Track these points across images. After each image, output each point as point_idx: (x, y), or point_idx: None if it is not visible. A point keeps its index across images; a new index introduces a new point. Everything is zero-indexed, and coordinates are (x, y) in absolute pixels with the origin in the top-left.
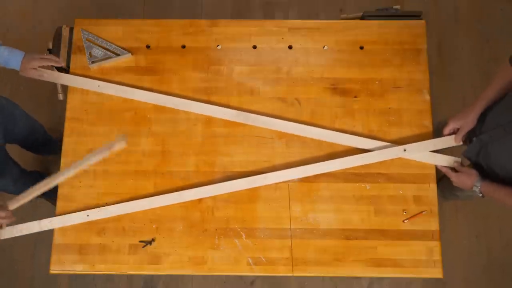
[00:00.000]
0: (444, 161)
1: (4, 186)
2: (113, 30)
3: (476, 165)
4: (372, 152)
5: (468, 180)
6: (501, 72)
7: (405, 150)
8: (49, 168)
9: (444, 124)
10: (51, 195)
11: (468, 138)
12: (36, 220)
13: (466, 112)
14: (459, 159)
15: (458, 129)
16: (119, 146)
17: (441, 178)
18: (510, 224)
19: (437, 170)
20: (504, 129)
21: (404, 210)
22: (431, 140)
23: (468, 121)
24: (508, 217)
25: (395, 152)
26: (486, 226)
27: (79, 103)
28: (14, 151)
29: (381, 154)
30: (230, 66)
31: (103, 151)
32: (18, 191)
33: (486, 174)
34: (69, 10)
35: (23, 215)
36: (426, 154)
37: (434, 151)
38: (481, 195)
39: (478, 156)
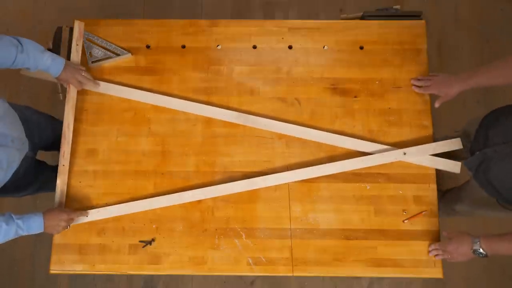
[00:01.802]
0: (443, 165)
1: (38, 189)
2: (113, 30)
3: (476, 178)
4: (372, 155)
5: (462, 246)
6: (506, 63)
7: (405, 154)
8: None
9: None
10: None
11: (471, 151)
12: None
13: (452, 84)
14: (456, 167)
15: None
16: None
17: (443, 195)
18: (511, 224)
19: (437, 172)
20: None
21: (404, 210)
22: (431, 144)
23: (450, 93)
24: (509, 216)
25: (395, 155)
26: (486, 225)
27: (79, 103)
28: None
29: (381, 157)
30: (230, 66)
31: None
32: (50, 190)
33: (485, 187)
34: (69, 10)
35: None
36: (425, 158)
37: (434, 155)
38: (484, 253)
39: (478, 169)
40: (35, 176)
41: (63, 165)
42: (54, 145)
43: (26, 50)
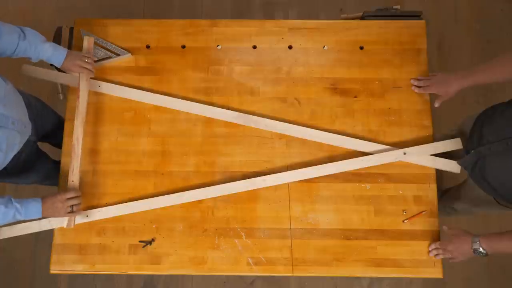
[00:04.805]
0: (443, 165)
1: (39, 180)
2: (113, 30)
3: (472, 177)
4: (372, 155)
5: (462, 245)
6: (504, 60)
7: (405, 154)
8: None
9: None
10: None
11: (466, 150)
12: (36, 220)
13: (451, 82)
14: (456, 167)
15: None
16: None
17: (443, 194)
18: (511, 223)
19: (437, 172)
20: (507, 144)
21: (404, 210)
22: (431, 144)
23: (449, 92)
24: (509, 215)
25: (395, 155)
26: (486, 225)
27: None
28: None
29: (381, 157)
30: (230, 66)
31: None
32: (51, 184)
33: (481, 185)
34: (69, 10)
35: None
36: (426, 158)
37: (434, 155)
38: (484, 252)
39: (474, 167)
40: (37, 165)
41: (72, 181)
42: (58, 140)
43: (28, 38)
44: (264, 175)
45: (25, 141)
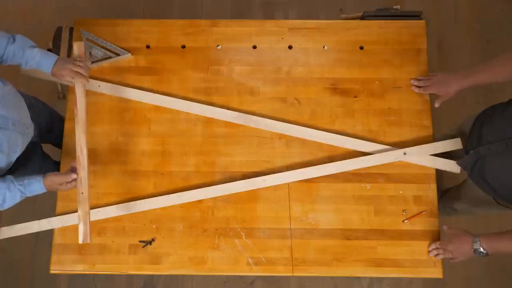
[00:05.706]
0: (443, 165)
1: None
2: (113, 30)
3: (471, 177)
4: (372, 155)
5: (463, 245)
6: (503, 61)
7: (405, 154)
8: None
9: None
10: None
11: (465, 150)
12: (36, 220)
13: (451, 82)
14: (456, 167)
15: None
16: None
17: (443, 194)
18: (511, 223)
19: (437, 172)
20: (507, 144)
21: (404, 210)
22: (432, 144)
23: (449, 92)
24: (509, 215)
25: (395, 155)
26: (486, 225)
27: None
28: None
29: (381, 157)
30: (230, 66)
31: None
32: None
33: (481, 185)
34: (69, 10)
35: (22, 215)
36: (426, 158)
37: (434, 155)
38: (485, 252)
39: (473, 167)
40: (41, 166)
41: (82, 193)
42: (52, 136)
43: (17, 42)
44: (264, 175)
45: (28, 143)
